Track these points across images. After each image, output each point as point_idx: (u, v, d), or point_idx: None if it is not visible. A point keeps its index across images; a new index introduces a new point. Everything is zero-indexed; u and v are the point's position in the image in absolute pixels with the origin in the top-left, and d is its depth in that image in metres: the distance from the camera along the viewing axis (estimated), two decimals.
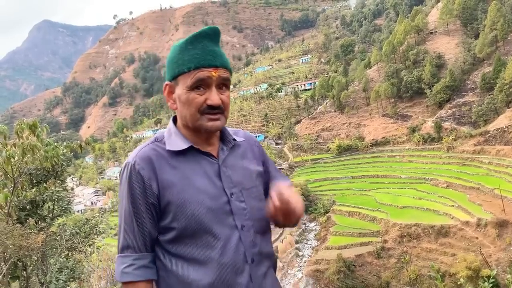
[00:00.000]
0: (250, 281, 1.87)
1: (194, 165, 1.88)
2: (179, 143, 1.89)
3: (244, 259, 1.87)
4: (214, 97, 1.85)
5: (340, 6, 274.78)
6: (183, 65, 1.84)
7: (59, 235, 8.75)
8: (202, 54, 1.84)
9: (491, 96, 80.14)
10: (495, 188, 58.56)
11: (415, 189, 70.60)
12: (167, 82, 1.91)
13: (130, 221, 1.82)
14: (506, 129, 72.18)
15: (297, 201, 1.86)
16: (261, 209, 1.96)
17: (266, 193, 2.04)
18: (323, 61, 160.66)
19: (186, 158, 1.88)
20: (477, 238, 53.03)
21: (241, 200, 1.91)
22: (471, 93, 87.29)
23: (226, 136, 2.05)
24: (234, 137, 2.07)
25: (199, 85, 1.84)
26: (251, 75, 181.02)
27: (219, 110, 1.88)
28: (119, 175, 1.92)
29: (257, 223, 1.96)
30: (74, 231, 8.98)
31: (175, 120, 2.02)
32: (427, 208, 62.47)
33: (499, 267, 45.17)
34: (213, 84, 1.86)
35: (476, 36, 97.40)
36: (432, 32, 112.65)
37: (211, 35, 1.88)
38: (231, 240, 1.84)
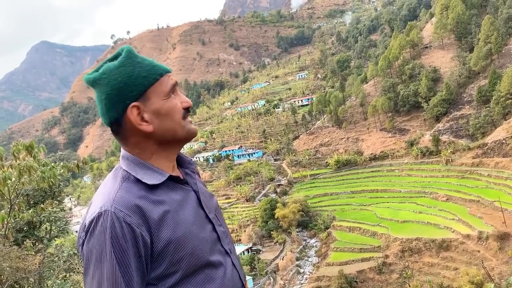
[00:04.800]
0: None
1: (175, 196, 1.69)
2: (154, 175, 1.67)
3: (241, 283, 1.83)
4: (186, 98, 1.75)
5: (335, 23, 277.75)
6: (149, 77, 1.65)
7: (56, 256, 8.65)
8: (155, 62, 1.71)
9: (488, 108, 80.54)
10: (495, 201, 58.42)
11: (415, 203, 70.37)
12: (133, 104, 1.64)
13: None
14: (504, 141, 72.31)
15: None
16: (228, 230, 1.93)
17: None
18: (320, 76, 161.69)
19: (164, 189, 1.68)
20: (478, 251, 52.69)
21: (219, 224, 1.83)
22: (468, 106, 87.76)
23: (181, 156, 1.87)
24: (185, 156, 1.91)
25: (172, 91, 1.72)
26: (248, 92, 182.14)
27: (189, 112, 1.79)
28: (85, 227, 1.56)
29: (233, 244, 1.91)
30: (72, 252, 8.88)
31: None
32: (427, 222, 62.20)
33: (502, 280, 44.74)
34: (177, 88, 1.76)
35: (471, 50, 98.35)
36: (427, 47, 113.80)
37: None
38: (227, 267, 1.76)
